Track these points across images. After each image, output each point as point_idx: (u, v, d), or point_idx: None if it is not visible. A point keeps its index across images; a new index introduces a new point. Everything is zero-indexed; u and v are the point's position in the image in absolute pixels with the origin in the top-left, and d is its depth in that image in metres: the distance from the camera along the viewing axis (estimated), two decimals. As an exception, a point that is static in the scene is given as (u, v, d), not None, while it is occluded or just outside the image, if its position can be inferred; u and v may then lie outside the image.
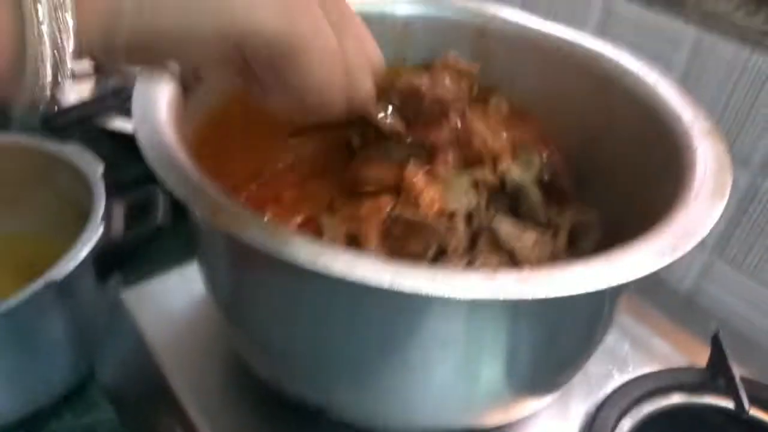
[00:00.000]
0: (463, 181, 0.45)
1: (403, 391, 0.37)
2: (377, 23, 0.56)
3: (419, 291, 0.28)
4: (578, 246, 0.47)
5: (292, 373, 0.39)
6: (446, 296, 0.29)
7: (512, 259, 0.43)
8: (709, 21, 0.57)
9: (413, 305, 0.32)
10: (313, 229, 0.42)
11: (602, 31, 0.65)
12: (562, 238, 0.46)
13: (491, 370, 0.37)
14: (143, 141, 0.33)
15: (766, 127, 0.55)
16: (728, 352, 0.53)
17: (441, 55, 0.57)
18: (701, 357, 0.55)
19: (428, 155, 0.45)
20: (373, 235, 0.39)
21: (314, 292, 0.33)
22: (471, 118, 0.47)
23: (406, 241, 0.40)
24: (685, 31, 0.58)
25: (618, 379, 0.54)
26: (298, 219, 0.42)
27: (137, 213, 0.57)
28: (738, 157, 0.57)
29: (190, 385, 0.47)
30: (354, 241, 0.40)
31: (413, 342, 0.34)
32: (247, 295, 0.38)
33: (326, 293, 0.33)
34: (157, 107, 0.36)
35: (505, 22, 0.55)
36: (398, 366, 0.35)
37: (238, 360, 0.48)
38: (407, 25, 0.57)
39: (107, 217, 0.55)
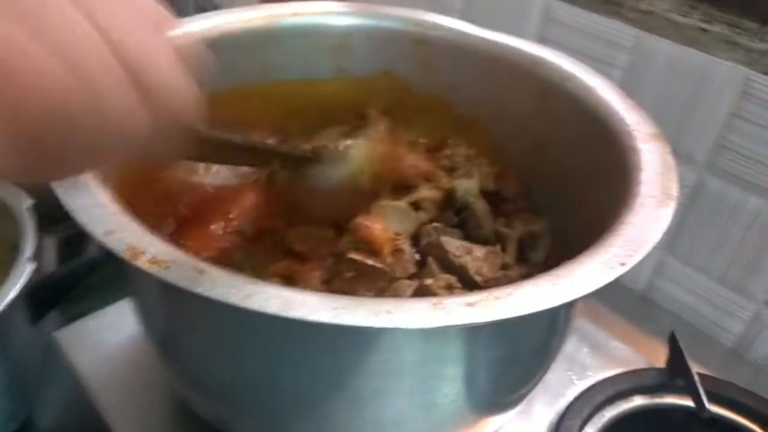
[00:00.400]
0: (400, 206, 0.43)
1: (357, 425, 0.35)
2: (314, 35, 0.55)
3: (363, 325, 0.27)
4: (529, 257, 0.46)
5: (237, 415, 0.37)
6: (392, 328, 0.27)
7: (464, 276, 0.41)
8: (648, 21, 0.57)
9: (360, 338, 0.30)
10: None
11: (542, 36, 0.64)
12: (512, 250, 0.45)
13: (449, 394, 0.36)
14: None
15: (709, 124, 0.56)
16: (685, 350, 0.53)
17: (381, 65, 0.56)
18: (659, 356, 0.55)
19: None
20: (315, 279, 0.38)
21: (253, 332, 0.31)
22: (394, 146, 0.47)
23: (357, 283, 0.39)
24: (624, 32, 0.58)
25: (579, 386, 0.53)
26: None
27: (71, 247, 0.54)
28: (683, 154, 0.57)
29: (132, 427, 0.44)
30: (289, 281, 0.39)
31: (364, 374, 0.32)
32: (182, 336, 0.36)
33: (266, 332, 0.31)
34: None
35: (445, 30, 0.54)
36: (350, 400, 0.33)
37: (181, 399, 0.45)
38: (345, 36, 0.55)
39: (38, 252, 0.52)
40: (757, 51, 0.52)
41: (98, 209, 0.29)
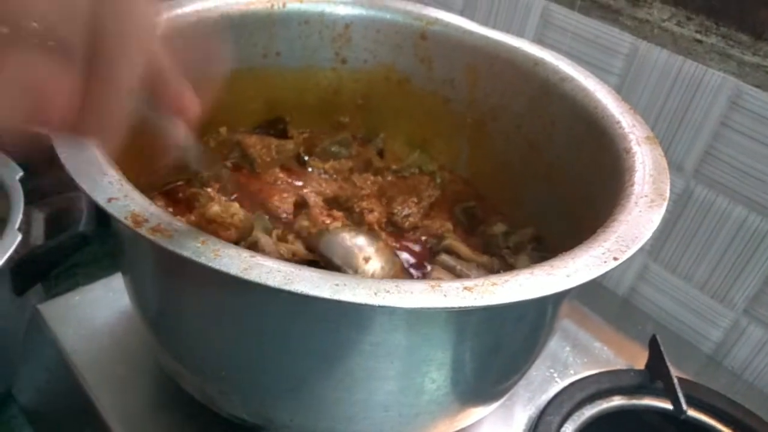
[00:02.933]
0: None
1: (347, 406, 0.35)
2: (317, 22, 0.55)
3: (362, 302, 0.27)
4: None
5: (226, 392, 0.37)
6: (388, 306, 0.27)
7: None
8: (644, 29, 0.58)
9: (355, 317, 0.31)
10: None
11: (540, 40, 0.65)
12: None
13: (437, 380, 0.36)
14: (60, 145, 0.30)
15: (699, 133, 0.57)
16: (666, 354, 0.54)
17: (382, 59, 0.56)
18: (640, 359, 0.56)
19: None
20: None
21: (249, 305, 0.31)
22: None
23: None
24: (620, 39, 0.59)
25: (560, 383, 0.54)
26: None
27: (59, 220, 0.53)
28: (672, 162, 0.58)
29: (116, 404, 0.44)
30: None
31: (357, 355, 0.32)
32: (176, 309, 0.36)
33: (262, 307, 0.31)
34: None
35: (446, 26, 0.55)
36: (342, 380, 0.34)
37: (167, 377, 0.45)
38: (348, 26, 0.55)
39: (26, 224, 0.51)
40: (749, 64, 0.53)
41: (101, 177, 0.29)
